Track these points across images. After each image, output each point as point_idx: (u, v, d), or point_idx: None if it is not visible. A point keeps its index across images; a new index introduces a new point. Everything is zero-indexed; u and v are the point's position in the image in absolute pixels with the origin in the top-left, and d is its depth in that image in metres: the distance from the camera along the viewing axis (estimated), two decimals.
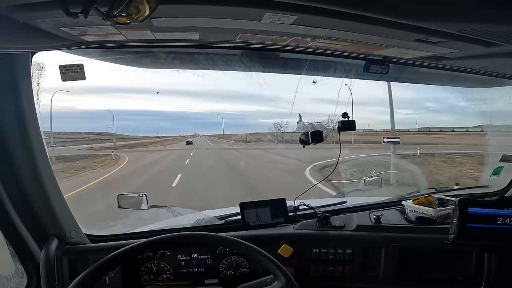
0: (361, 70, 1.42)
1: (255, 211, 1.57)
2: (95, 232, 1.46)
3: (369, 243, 1.41)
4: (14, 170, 1.13)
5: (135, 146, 29.60)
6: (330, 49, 1.26)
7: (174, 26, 0.98)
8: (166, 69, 1.45)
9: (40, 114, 1.15)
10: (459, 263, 1.36)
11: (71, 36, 0.92)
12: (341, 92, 1.59)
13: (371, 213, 1.54)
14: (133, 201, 1.82)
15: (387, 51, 1.24)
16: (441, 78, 1.70)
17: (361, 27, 0.96)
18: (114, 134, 34.06)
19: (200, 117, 70.81)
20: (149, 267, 1.35)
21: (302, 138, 1.56)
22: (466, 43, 1.03)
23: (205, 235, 1.15)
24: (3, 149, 1.09)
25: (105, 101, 37.10)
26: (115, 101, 40.62)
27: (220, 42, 1.24)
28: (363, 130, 24.19)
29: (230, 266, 1.38)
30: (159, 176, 11.01)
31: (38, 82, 1.17)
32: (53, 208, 1.24)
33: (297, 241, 1.40)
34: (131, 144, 31.04)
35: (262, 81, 1.76)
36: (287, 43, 1.19)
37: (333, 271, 1.39)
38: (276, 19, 0.91)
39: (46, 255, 1.21)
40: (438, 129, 20.01)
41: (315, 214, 1.58)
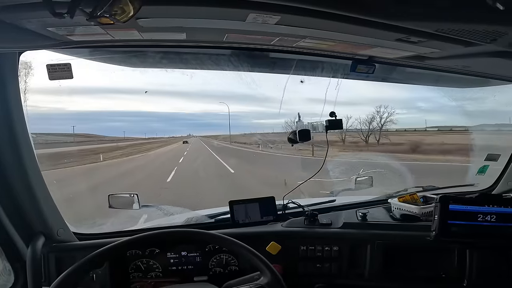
0: (348, 69, 1.45)
1: (244, 209, 1.58)
2: (83, 231, 1.46)
3: (356, 240, 1.43)
4: (1, 169, 1.13)
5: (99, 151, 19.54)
6: (316, 49, 1.28)
7: (160, 26, 1.00)
8: (154, 68, 1.46)
9: (27, 114, 1.16)
10: (442, 260, 1.38)
11: (57, 36, 0.93)
12: (336, 92, 1.61)
13: (358, 210, 1.56)
14: (124, 201, 1.82)
15: (372, 50, 1.27)
16: (426, 78, 1.73)
17: (345, 27, 0.99)
18: (93, 135, 30.60)
19: (193, 118, 70.38)
20: (137, 265, 1.36)
21: (290, 137, 1.59)
22: (445, 42, 1.06)
23: (191, 231, 1.16)
24: None
25: (95, 102, 36.46)
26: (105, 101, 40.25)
27: (208, 42, 1.26)
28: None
29: (219, 263, 1.39)
30: None
31: (26, 81, 1.17)
32: (40, 206, 1.24)
33: (285, 239, 1.41)
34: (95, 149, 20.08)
35: (250, 80, 1.77)
36: (273, 42, 1.21)
37: (320, 268, 1.41)
38: (260, 19, 0.93)
39: (33, 253, 1.21)
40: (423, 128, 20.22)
41: (304, 212, 1.59)
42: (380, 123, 18.33)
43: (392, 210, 1.59)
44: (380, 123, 18.19)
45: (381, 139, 17.84)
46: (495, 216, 1.25)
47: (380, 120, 18.09)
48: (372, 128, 18.55)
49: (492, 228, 1.25)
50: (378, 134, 18.11)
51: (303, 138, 1.54)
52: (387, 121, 17.96)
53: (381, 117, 17.95)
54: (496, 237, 1.27)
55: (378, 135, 18.14)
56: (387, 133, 17.97)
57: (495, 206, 1.25)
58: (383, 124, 18.17)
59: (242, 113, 46.24)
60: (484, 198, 1.28)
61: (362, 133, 18.35)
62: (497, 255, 1.34)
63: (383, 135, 17.87)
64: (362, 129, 18.56)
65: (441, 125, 18.35)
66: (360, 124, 18.40)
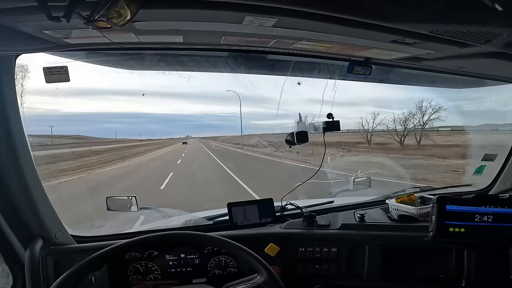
0: (346, 71, 1.46)
1: (242, 211, 1.58)
2: (81, 233, 1.46)
3: (354, 241, 1.43)
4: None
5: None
6: (313, 50, 1.29)
7: (157, 29, 1.00)
8: (152, 71, 1.46)
9: (24, 116, 1.16)
10: (440, 261, 1.39)
11: (54, 38, 0.93)
12: (333, 93, 1.61)
13: (356, 212, 1.57)
14: (122, 203, 1.82)
15: (368, 52, 1.28)
16: (423, 79, 1.75)
17: (341, 29, 1.00)
18: (86, 137, 29.42)
19: (192, 119, 70.39)
20: (136, 267, 1.35)
21: (288, 138, 1.59)
22: (441, 43, 1.07)
23: (189, 233, 1.16)
24: None
25: (92, 103, 36.15)
26: (103, 103, 40.02)
27: (205, 45, 1.26)
28: (341, 131, 23.99)
29: (218, 265, 1.39)
30: None
31: (22, 84, 1.17)
32: (38, 209, 1.24)
33: (283, 240, 1.42)
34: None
35: (248, 82, 1.78)
36: (270, 45, 1.22)
37: (319, 270, 1.41)
38: (257, 21, 0.94)
39: (31, 256, 1.22)
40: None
41: (302, 213, 1.60)
42: (421, 120, 15.85)
43: (390, 211, 1.60)
44: (422, 120, 15.75)
45: (422, 139, 15.49)
46: (492, 216, 1.25)
47: (422, 117, 15.64)
48: (408, 128, 16.19)
49: (489, 228, 1.25)
50: (419, 134, 15.83)
51: (300, 139, 1.54)
52: (432, 119, 15.44)
53: (424, 113, 15.47)
54: (493, 237, 1.27)
55: (419, 135, 15.86)
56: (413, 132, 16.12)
57: (492, 206, 1.26)
58: (425, 122, 15.76)
59: (241, 114, 46.31)
60: (481, 198, 1.28)
61: (396, 133, 16.28)
62: (494, 255, 1.34)
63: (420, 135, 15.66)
64: (391, 129, 16.62)
65: (453, 125, 17.36)
66: (395, 123, 16.39)
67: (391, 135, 16.63)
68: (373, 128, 18.02)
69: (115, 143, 31.30)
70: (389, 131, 16.91)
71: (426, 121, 15.65)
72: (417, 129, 16.00)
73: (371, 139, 17.88)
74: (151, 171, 14.04)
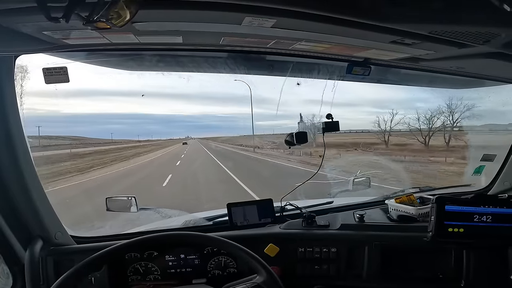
0: (345, 71, 1.46)
1: (242, 212, 1.58)
2: (81, 234, 1.46)
3: (353, 242, 1.43)
4: None
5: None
6: (312, 51, 1.30)
7: (157, 30, 1.01)
8: (151, 71, 1.46)
9: (23, 117, 1.16)
10: (439, 261, 1.39)
11: (53, 39, 0.93)
12: (333, 93, 1.61)
13: (355, 212, 1.57)
14: (122, 203, 1.81)
15: (367, 53, 1.28)
16: (421, 79, 1.75)
17: (340, 29, 1.00)
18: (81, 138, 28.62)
19: (192, 120, 70.37)
20: (136, 268, 1.35)
21: (287, 139, 1.59)
22: (439, 44, 1.07)
23: (189, 234, 1.17)
24: None
25: (93, 104, 36.08)
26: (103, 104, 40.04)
27: (204, 45, 1.27)
28: (356, 131, 23.59)
29: (218, 266, 1.39)
30: None
31: (22, 85, 1.17)
32: (38, 210, 1.24)
33: (283, 240, 1.42)
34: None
35: (248, 82, 1.78)
36: (270, 45, 1.22)
37: (319, 270, 1.41)
38: (256, 22, 0.94)
39: (30, 256, 1.22)
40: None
41: (301, 214, 1.60)
42: (451, 119, 13.64)
43: (389, 211, 1.60)
44: (452, 118, 13.55)
45: (452, 139, 13.39)
46: (491, 216, 1.25)
47: (452, 115, 13.31)
48: (436, 126, 14.43)
49: (488, 228, 1.25)
50: (448, 134, 13.86)
51: (300, 140, 1.54)
52: (463, 117, 12.43)
53: (453, 111, 13.09)
54: (492, 238, 1.27)
55: (448, 135, 13.87)
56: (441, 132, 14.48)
57: (490, 206, 1.26)
58: (456, 121, 13.38)
59: (240, 115, 46.37)
60: (480, 198, 1.28)
61: (420, 133, 14.66)
62: (493, 255, 1.35)
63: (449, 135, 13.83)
64: (414, 128, 15.11)
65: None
66: (420, 122, 14.77)
67: (414, 135, 15.30)
68: (391, 128, 16.97)
69: (111, 144, 29.51)
70: (411, 131, 15.66)
71: (457, 120, 13.59)
72: (445, 129, 14.43)
73: (389, 139, 16.91)
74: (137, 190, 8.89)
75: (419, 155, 13.25)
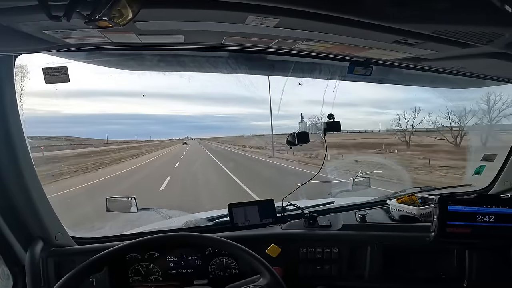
0: (346, 71, 1.45)
1: (243, 212, 1.58)
2: (81, 235, 1.45)
3: (355, 242, 1.43)
4: None
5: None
6: (314, 51, 1.29)
7: (158, 29, 0.99)
8: (152, 71, 1.45)
9: (23, 117, 1.15)
10: (441, 261, 1.38)
11: (54, 39, 0.92)
12: (334, 93, 1.60)
13: (357, 212, 1.56)
14: (122, 204, 1.80)
15: (369, 52, 1.28)
16: (423, 79, 1.75)
17: (342, 29, 0.99)
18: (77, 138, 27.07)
19: (192, 120, 70.39)
20: (137, 269, 1.35)
21: (288, 139, 1.58)
22: (442, 44, 1.07)
23: (190, 235, 1.16)
24: None
25: (93, 104, 35.92)
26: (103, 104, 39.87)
27: (206, 45, 1.26)
28: (359, 131, 23.33)
29: (219, 266, 1.39)
30: None
31: (22, 85, 1.16)
32: (38, 211, 1.23)
33: (284, 241, 1.41)
34: None
35: (249, 83, 1.77)
36: (272, 45, 1.22)
37: (321, 270, 1.41)
38: (259, 22, 0.94)
39: (31, 257, 1.21)
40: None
41: (303, 214, 1.59)
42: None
43: (391, 211, 1.59)
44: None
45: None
46: (494, 216, 1.25)
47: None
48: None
49: (490, 228, 1.25)
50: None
51: (301, 140, 1.54)
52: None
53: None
54: (495, 238, 1.27)
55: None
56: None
57: (493, 206, 1.25)
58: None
59: (241, 115, 46.39)
60: (482, 198, 1.27)
61: (451, 132, 13.56)
62: (496, 255, 1.34)
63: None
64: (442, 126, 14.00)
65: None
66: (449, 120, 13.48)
67: (442, 134, 14.40)
68: (413, 127, 16.32)
69: (106, 145, 28.22)
70: (438, 130, 14.78)
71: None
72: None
73: (410, 139, 16.16)
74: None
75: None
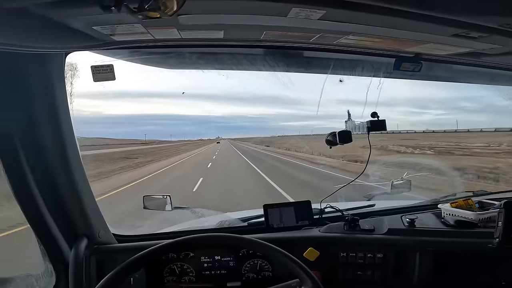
0: (391, 68, 1.37)
1: (279, 213, 1.53)
2: (121, 232, 1.47)
3: (402, 247, 1.35)
4: (48, 170, 1.14)
5: None
6: (358, 46, 1.23)
7: (199, 24, 0.98)
8: (191, 69, 1.46)
9: (73, 115, 1.17)
10: (503, 267, 1.28)
11: (101, 35, 0.94)
12: (378, 91, 1.51)
13: (404, 216, 1.47)
14: (157, 202, 1.85)
15: (421, 47, 1.20)
16: (480, 76, 1.61)
17: (393, 21, 0.92)
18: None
19: (222, 120, 72.08)
20: (172, 268, 1.34)
21: (328, 138, 1.52)
22: (508, 37, 0.96)
23: (232, 236, 1.14)
24: (38, 149, 1.11)
25: (130, 105, 37.86)
26: (141, 106, 41.87)
27: (245, 41, 1.23)
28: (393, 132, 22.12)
29: (253, 269, 1.36)
30: None
31: (72, 83, 1.19)
32: (84, 208, 1.24)
33: (323, 244, 1.36)
34: None
35: (287, 80, 1.73)
36: (312, 40, 1.17)
37: (362, 276, 1.35)
38: (303, 14, 0.89)
39: (76, 255, 1.22)
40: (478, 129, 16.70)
41: (342, 217, 1.52)
42: None
43: (443, 216, 1.48)
44: None
45: None
46: None
47: None
48: None
49: None
50: None
51: (343, 140, 1.47)
52: None
53: None
54: None
55: None
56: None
57: None
58: None
59: (270, 116, 46.52)
60: None
61: None
62: None
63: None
64: None
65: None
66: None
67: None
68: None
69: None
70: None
71: None
72: None
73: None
74: None
75: None
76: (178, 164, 17.14)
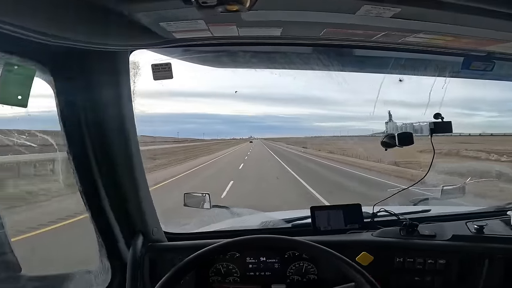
0: (457, 67, 1.29)
1: (326, 216, 1.48)
2: (170, 230, 1.48)
3: (467, 254, 1.29)
4: (113, 166, 1.16)
5: None
6: (425, 45, 1.15)
7: (259, 20, 0.96)
8: (243, 68, 1.45)
9: (135, 113, 1.18)
10: None
11: (165, 32, 0.94)
12: (444, 91, 1.41)
13: (470, 222, 1.39)
14: (197, 200, 1.85)
15: (496, 46, 1.10)
16: None
17: (469, 19, 0.86)
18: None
19: (254, 120, 72.49)
20: (218, 268, 1.34)
21: (385, 140, 1.44)
22: None
23: (296, 241, 1.14)
24: (103, 146, 1.13)
25: (167, 104, 38.92)
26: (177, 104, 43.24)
27: (301, 39, 1.20)
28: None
29: (298, 271, 1.33)
30: None
31: (134, 81, 1.20)
32: (141, 205, 1.25)
33: (377, 249, 1.31)
34: None
35: (342, 80, 1.67)
36: (374, 38, 1.11)
37: (420, 282, 1.29)
38: (374, 11, 0.84)
39: (134, 252, 1.21)
40: None
41: (398, 221, 1.46)
42: None
43: None
44: None
45: None
46: None
47: None
48: None
49: None
50: None
51: (403, 142, 1.38)
52: None
53: None
54: None
55: None
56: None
57: None
58: None
59: (303, 116, 45.95)
60: None
61: None
62: None
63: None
64: None
65: None
66: None
67: None
68: None
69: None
70: None
71: None
72: None
73: None
74: None
75: None
76: (206, 166, 16.53)
